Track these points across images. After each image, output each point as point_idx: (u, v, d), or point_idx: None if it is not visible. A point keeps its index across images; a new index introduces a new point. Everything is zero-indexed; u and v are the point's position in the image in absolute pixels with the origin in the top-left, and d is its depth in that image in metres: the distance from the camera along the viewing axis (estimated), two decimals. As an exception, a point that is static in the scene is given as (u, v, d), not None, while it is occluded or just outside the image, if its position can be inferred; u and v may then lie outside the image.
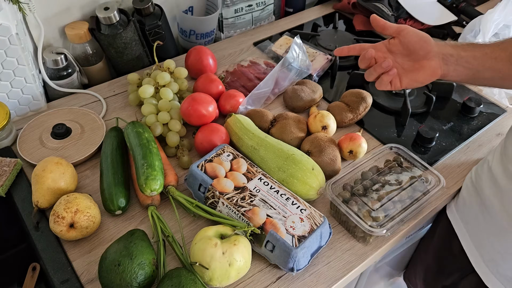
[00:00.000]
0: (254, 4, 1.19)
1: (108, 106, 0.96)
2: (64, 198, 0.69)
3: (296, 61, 0.99)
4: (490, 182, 0.75)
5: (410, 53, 0.70)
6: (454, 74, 0.70)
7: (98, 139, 0.85)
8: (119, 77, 1.04)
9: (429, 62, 0.69)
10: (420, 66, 0.70)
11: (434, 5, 1.26)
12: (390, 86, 0.71)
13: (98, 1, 0.98)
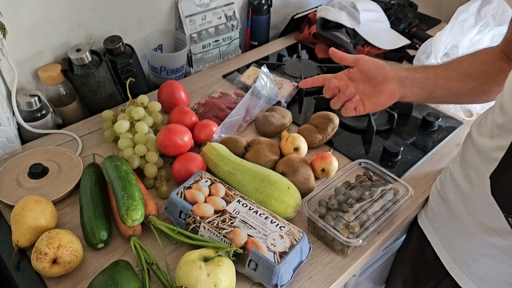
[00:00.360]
0: (220, 39, 1.25)
1: (84, 144, 0.97)
2: (45, 235, 0.69)
3: (264, 89, 1.04)
4: (454, 188, 0.80)
5: (369, 80, 0.76)
6: (411, 95, 0.76)
7: (76, 176, 0.86)
8: (93, 116, 1.06)
9: (387, 86, 0.75)
10: (380, 91, 0.76)
11: (388, 31, 1.36)
12: (355, 112, 0.77)
13: (70, 43, 1.01)
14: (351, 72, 0.78)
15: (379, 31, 1.34)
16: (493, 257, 0.75)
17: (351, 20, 1.30)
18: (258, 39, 1.38)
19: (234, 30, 1.27)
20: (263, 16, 1.34)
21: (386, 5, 1.46)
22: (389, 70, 0.76)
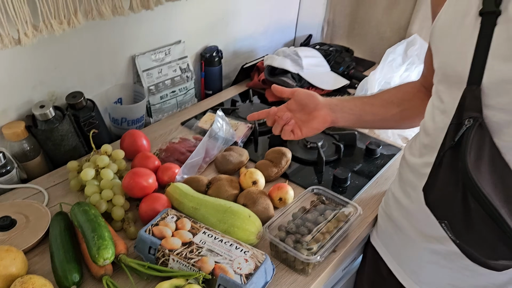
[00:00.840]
0: (177, 90, 1.34)
1: (50, 196, 1.01)
2: (18, 280, 0.72)
3: (221, 131, 1.13)
4: (396, 205, 0.90)
5: (303, 108, 0.88)
6: (342, 120, 0.89)
7: (44, 225, 0.89)
8: (57, 169, 1.10)
9: (319, 112, 0.88)
10: (313, 117, 0.88)
11: (329, 74, 1.51)
12: (293, 135, 0.88)
13: (33, 101, 1.06)
14: (289, 104, 0.90)
15: (321, 74, 1.48)
16: (436, 263, 0.83)
17: (295, 66, 1.44)
18: (212, 88, 1.48)
19: (189, 81, 1.37)
20: (215, 67, 1.45)
21: (326, 51, 1.62)
22: (320, 98, 0.89)
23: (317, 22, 1.85)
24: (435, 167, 0.73)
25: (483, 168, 0.65)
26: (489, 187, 0.64)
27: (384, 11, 1.65)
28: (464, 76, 0.67)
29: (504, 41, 0.63)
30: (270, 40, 1.73)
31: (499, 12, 0.63)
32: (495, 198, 0.63)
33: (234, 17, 1.50)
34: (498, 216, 0.62)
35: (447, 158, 0.69)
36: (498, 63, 0.63)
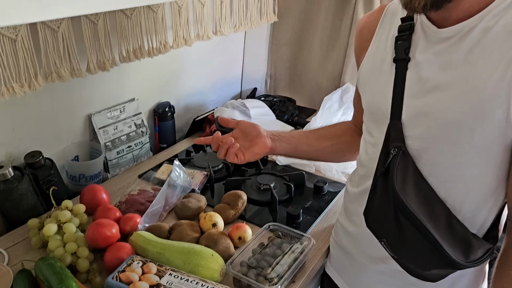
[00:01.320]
0: (133, 145, 1.40)
1: (10, 255, 1.01)
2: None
3: (179, 179, 1.19)
4: (344, 234, 1.00)
5: (246, 135, 1.01)
6: (280, 148, 1.03)
7: (6, 284, 0.89)
8: (15, 229, 1.10)
9: (260, 139, 1.01)
10: (255, 143, 1.00)
11: (275, 122, 1.63)
12: (236, 159, 0.98)
13: (-10, 162, 1.08)
14: (234, 132, 1.02)
15: (268, 122, 1.60)
16: (384, 283, 0.92)
17: (243, 116, 1.55)
18: (166, 142, 1.55)
19: (144, 135, 1.43)
20: (168, 122, 1.53)
21: (271, 102, 1.76)
22: (261, 128, 1.03)
23: (260, 76, 2.01)
24: (371, 193, 0.84)
25: (409, 189, 0.77)
26: (415, 205, 0.76)
27: (319, 64, 1.84)
28: (387, 113, 0.80)
29: (415, 82, 0.77)
30: (219, 95, 1.85)
31: (409, 59, 0.78)
32: (421, 214, 0.74)
33: (184, 74, 1.61)
34: (425, 230, 0.73)
35: (380, 183, 0.81)
36: (412, 100, 0.77)
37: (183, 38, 1.38)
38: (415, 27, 0.78)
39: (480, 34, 0.69)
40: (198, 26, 1.43)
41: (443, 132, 0.73)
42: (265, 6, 1.73)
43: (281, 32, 1.89)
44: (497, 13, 0.68)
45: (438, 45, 0.74)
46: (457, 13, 0.71)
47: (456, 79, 0.71)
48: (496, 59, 0.67)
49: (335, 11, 1.72)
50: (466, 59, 0.70)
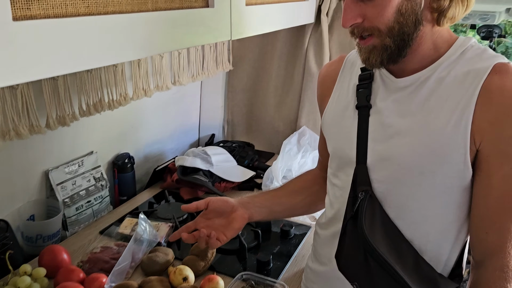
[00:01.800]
0: (92, 200, 1.35)
1: (-39, 331, 0.92)
2: None
3: (145, 233, 1.16)
4: (315, 278, 0.99)
5: (221, 214, 0.93)
6: (256, 214, 0.96)
7: None
8: (-35, 300, 1.01)
9: (236, 213, 0.93)
10: (232, 218, 0.93)
11: (237, 168, 1.65)
12: (219, 243, 0.91)
13: None
14: (206, 213, 0.94)
15: (230, 168, 1.61)
16: None
17: (205, 163, 1.56)
18: (126, 194, 1.51)
19: (104, 189, 1.39)
20: (128, 173, 1.50)
21: (230, 148, 1.78)
22: (233, 201, 0.95)
23: (217, 122, 2.03)
24: (341, 236, 0.86)
25: (378, 232, 0.79)
26: (384, 248, 0.78)
27: (275, 108, 1.90)
28: (353, 157, 0.84)
29: (377, 128, 0.82)
30: (177, 143, 1.85)
31: (370, 105, 0.83)
32: (390, 257, 0.77)
33: (143, 124, 1.60)
34: (394, 272, 0.76)
35: (350, 226, 0.83)
36: (376, 145, 0.82)
37: (142, 89, 1.38)
38: (374, 76, 0.84)
39: (434, 84, 0.76)
40: (157, 77, 1.45)
41: (406, 175, 0.77)
42: (221, 56, 1.78)
43: (236, 80, 1.94)
44: (448, 65, 0.76)
45: (397, 93, 0.80)
46: (411, 65, 0.78)
47: (415, 125, 0.76)
48: (451, 106, 0.73)
49: (287, 59, 1.81)
50: (424, 107, 0.76)
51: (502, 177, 0.72)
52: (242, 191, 1.58)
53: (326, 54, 1.68)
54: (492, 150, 0.72)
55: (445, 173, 0.75)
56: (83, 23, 0.67)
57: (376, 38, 0.73)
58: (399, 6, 0.71)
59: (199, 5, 0.96)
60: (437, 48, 0.77)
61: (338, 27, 1.67)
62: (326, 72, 0.97)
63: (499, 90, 0.70)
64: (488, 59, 0.74)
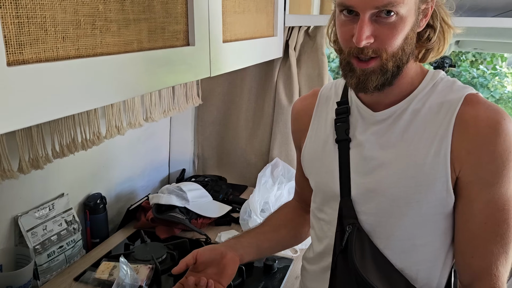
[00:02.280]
0: (64, 244, 1.28)
1: None
2: None
3: (127, 278, 1.11)
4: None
5: (212, 263, 0.90)
6: (245, 255, 0.93)
7: None
8: None
9: (227, 258, 0.90)
10: (224, 265, 0.89)
11: (212, 203, 1.62)
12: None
13: None
14: (196, 266, 0.90)
15: (206, 203, 1.59)
16: None
17: (181, 200, 1.52)
18: (99, 236, 1.45)
19: (76, 232, 1.33)
20: (101, 214, 1.44)
21: (202, 182, 1.75)
22: (221, 247, 0.92)
23: (188, 157, 2.01)
24: (333, 271, 0.86)
25: (369, 265, 0.80)
26: (377, 280, 0.79)
27: (246, 141, 1.90)
28: (337, 191, 0.85)
29: (359, 161, 0.83)
30: (148, 180, 1.81)
31: (350, 139, 0.85)
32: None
33: (113, 163, 1.56)
34: None
35: (340, 261, 0.83)
36: (360, 178, 0.83)
37: (115, 127, 1.35)
38: (351, 110, 0.86)
39: (411, 116, 0.79)
40: (129, 114, 1.42)
41: (393, 206, 0.79)
42: (190, 91, 1.78)
43: (206, 113, 1.95)
44: (422, 97, 0.80)
45: (376, 126, 0.82)
46: (389, 98, 0.81)
47: (397, 157, 0.79)
48: (429, 137, 0.77)
49: (257, 92, 1.84)
50: (403, 138, 0.79)
51: (483, 202, 0.75)
52: (220, 226, 1.56)
53: (296, 86, 1.73)
54: (471, 177, 0.75)
55: (430, 201, 0.77)
56: (73, 66, 0.66)
57: (379, 60, 0.74)
58: (407, 34, 0.73)
59: (180, 43, 0.96)
60: (413, 81, 0.81)
61: (306, 60, 1.73)
62: (301, 107, 0.98)
63: (474, 120, 0.74)
64: (458, 90, 0.79)
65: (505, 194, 0.74)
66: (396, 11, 0.70)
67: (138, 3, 0.80)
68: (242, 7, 1.29)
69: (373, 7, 0.69)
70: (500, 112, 0.74)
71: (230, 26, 1.21)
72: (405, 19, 0.71)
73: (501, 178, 0.74)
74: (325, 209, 0.90)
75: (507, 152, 0.73)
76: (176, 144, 1.97)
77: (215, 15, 1.09)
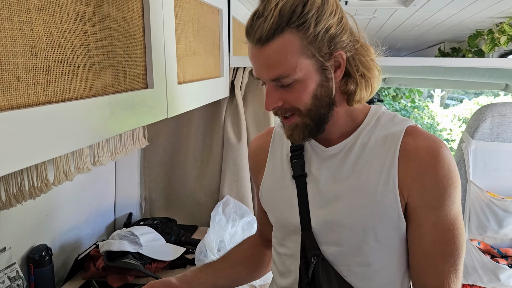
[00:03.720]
0: (8, 304, 1.17)
1: None
2: None
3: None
4: None
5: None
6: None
7: None
8: None
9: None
10: None
11: (166, 245, 1.58)
12: None
13: None
14: None
15: (159, 247, 1.54)
16: None
17: (133, 245, 1.47)
18: (44, 292, 1.34)
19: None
20: (46, 267, 1.34)
21: (152, 225, 1.70)
22: (175, 281, 0.93)
23: (134, 200, 1.95)
24: None
25: None
26: None
27: (195, 180, 1.90)
28: (298, 225, 0.88)
29: (316, 194, 0.87)
30: (93, 227, 1.72)
31: (306, 174, 0.89)
32: None
33: (57, 211, 1.47)
34: None
35: None
36: (318, 210, 0.86)
37: (63, 172, 1.29)
38: (305, 146, 0.91)
39: (359, 149, 0.85)
40: (77, 159, 1.37)
41: (351, 235, 0.84)
42: (137, 132, 1.76)
43: (152, 155, 1.92)
44: (368, 131, 0.86)
45: (329, 161, 0.88)
46: (335, 135, 0.87)
47: (350, 188, 0.84)
48: (378, 167, 0.83)
49: (205, 131, 1.86)
50: (354, 170, 0.84)
51: (430, 224, 0.81)
52: (175, 269, 1.52)
53: (243, 124, 1.77)
54: (418, 202, 0.81)
55: (385, 227, 0.83)
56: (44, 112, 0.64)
57: (297, 117, 0.81)
58: (315, 92, 0.79)
59: (140, 86, 0.97)
60: (354, 119, 0.87)
61: (252, 99, 1.79)
62: (257, 145, 1.02)
63: (415, 150, 0.82)
64: (399, 123, 0.86)
65: (449, 216, 0.81)
66: (289, 80, 0.77)
67: (102, 48, 0.80)
68: (192, 49, 1.32)
69: (269, 79, 0.78)
70: (438, 141, 0.82)
71: (184, 68, 1.24)
72: (305, 81, 0.77)
73: (444, 202, 0.81)
74: (286, 243, 0.92)
75: (447, 176, 0.80)
76: (122, 187, 1.91)
77: (171, 58, 1.11)
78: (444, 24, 2.50)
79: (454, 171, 0.81)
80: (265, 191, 0.96)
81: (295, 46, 0.75)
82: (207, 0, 1.44)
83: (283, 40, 0.74)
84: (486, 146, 1.61)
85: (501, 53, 2.52)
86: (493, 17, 2.12)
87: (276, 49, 0.75)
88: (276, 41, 0.74)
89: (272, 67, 0.76)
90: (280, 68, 0.76)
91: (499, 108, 1.62)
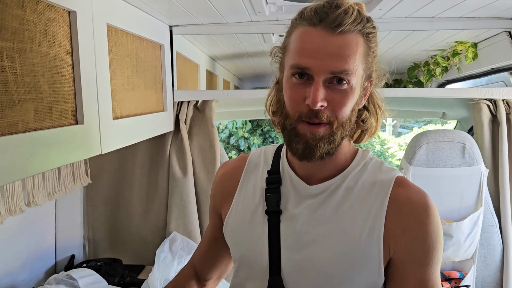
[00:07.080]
0: None
1: None
2: None
3: None
4: None
5: None
6: None
7: None
8: None
9: None
10: None
11: None
12: None
13: None
14: None
15: (100, 291, 1.47)
16: None
17: (71, 290, 1.39)
18: None
19: None
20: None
21: (95, 267, 1.62)
22: None
23: (77, 241, 1.86)
24: None
25: None
26: None
27: (141, 218, 1.84)
28: (266, 268, 0.79)
29: (290, 235, 0.79)
30: (30, 272, 1.61)
31: (281, 211, 0.80)
32: None
33: (-12, 257, 1.38)
34: None
35: None
36: (291, 254, 0.78)
37: (-9, 215, 1.22)
38: (283, 181, 0.83)
39: (345, 192, 0.79)
40: (8, 199, 1.30)
41: (326, 284, 0.77)
42: (78, 170, 1.70)
43: (96, 193, 1.85)
44: (355, 175, 0.81)
45: (310, 200, 0.80)
46: (323, 172, 0.81)
47: (332, 232, 0.77)
48: (363, 215, 0.77)
49: (150, 166, 1.82)
50: (338, 214, 0.78)
51: (415, 280, 0.76)
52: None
53: (189, 158, 1.76)
54: (406, 256, 0.76)
55: (362, 280, 0.76)
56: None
57: (328, 129, 0.74)
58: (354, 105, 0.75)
59: (69, 122, 0.94)
60: (346, 158, 0.82)
61: (197, 132, 1.79)
62: (226, 171, 0.94)
63: (408, 202, 0.77)
64: (387, 172, 0.82)
65: (434, 275, 0.77)
66: (348, 79, 0.72)
67: (24, 84, 0.78)
68: (131, 84, 1.31)
69: (329, 72, 0.71)
70: (428, 196, 0.79)
71: (120, 103, 1.22)
72: (354, 89, 0.74)
73: (431, 259, 0.76)
74: (249, 287, 0.84)
75: (436, 232, 0.77)
76: (63, 228, 1.81)
77: (104, 93, 1.09)
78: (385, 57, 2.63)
79: (441, 229, 0.78)
80: (232, 222, 0.87)
81: (363, 50, 0.73)
82: (147, 36, 1.45)
83: (357, 38, 0.72)
84: (423, 172, 1.67)
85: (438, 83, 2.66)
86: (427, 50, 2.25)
87: (350, 43, 0.71)
88: (352, 35, 0.72)
89: (339, 58, 0.71)
90: (346, 63, 0.71)
91: (433, 135, 1.70)
